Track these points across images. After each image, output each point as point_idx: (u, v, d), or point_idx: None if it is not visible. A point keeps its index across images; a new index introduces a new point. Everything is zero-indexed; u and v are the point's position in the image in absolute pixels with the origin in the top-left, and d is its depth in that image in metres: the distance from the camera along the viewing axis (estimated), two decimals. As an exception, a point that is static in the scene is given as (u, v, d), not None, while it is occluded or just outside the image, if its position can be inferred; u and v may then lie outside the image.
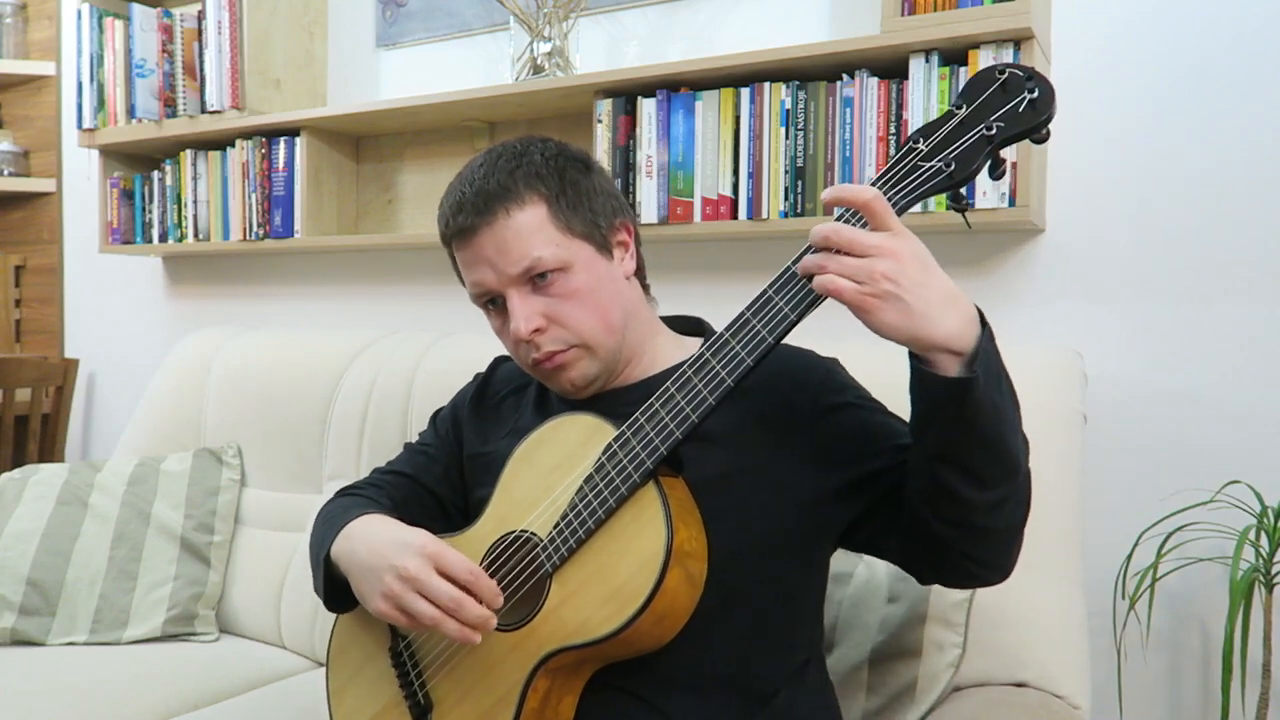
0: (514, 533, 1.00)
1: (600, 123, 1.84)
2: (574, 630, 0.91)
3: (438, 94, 2.03)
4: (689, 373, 0.90)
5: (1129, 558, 1.50)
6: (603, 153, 1.83)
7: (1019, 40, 1.49)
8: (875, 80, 1.61)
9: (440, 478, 1.20)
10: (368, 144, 2.35)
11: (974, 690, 1.22)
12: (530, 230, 1.01)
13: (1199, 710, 1.55)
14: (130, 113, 2.40)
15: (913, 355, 0.83)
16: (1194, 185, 1.54)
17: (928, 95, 1.56)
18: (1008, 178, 1.51)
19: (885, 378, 1.09)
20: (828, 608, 1.19)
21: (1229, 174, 1.52)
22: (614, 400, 1.05)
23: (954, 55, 1.56)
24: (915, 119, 1.57)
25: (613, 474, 0.92)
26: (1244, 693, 1.45)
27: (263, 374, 1.99)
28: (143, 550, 1.82)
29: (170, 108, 2.40)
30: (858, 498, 0.99)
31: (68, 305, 3.00)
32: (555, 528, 0.95)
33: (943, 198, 1.52)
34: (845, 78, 1.63)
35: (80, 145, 2.53)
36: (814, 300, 0.83)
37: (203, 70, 2.34)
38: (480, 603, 0.92)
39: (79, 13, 2.45)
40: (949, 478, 0.85)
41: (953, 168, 0.82)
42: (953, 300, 0.79)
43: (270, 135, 2.28)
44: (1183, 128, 1.55)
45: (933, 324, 0.78)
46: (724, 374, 0.88)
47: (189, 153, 2.42)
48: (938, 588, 1.21)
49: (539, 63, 1.95)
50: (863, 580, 1.27)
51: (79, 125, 2.49)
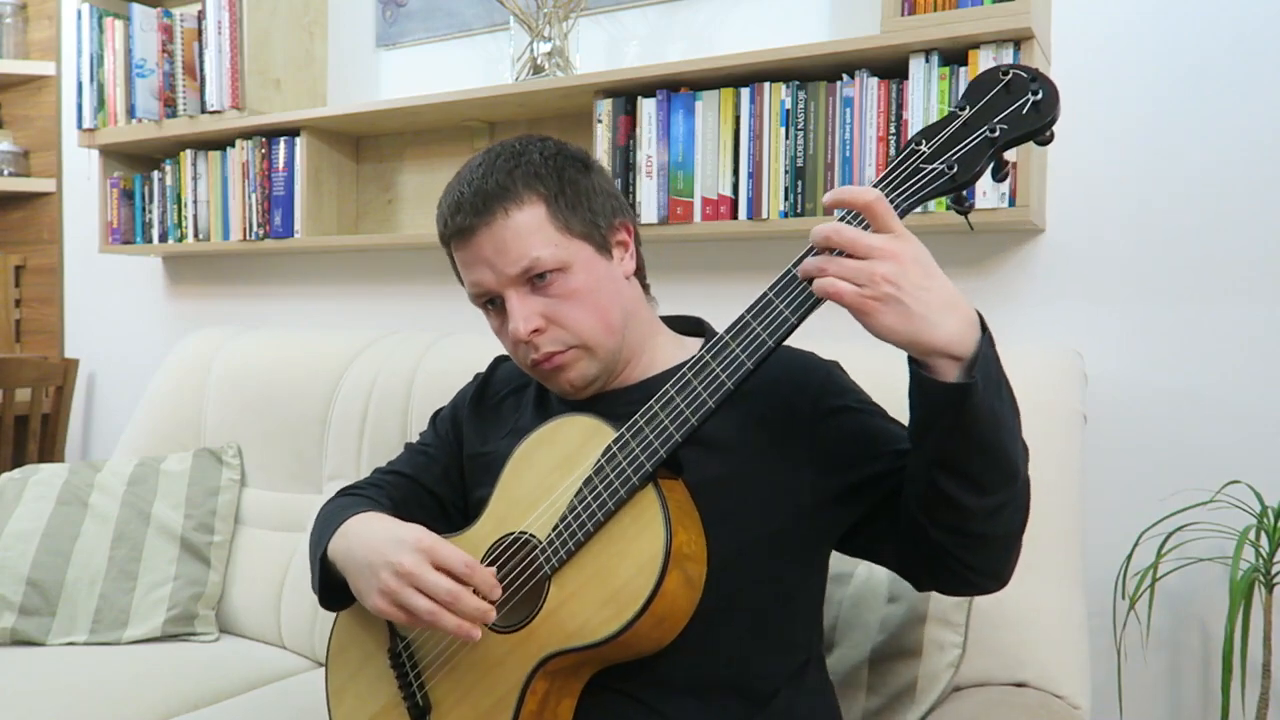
0: (513, 534, 0.99)
1: (600, 123, 1.83)
2: (573, 633, 0.91)
3: (438, 94, 2.03)
4: (688, 375, 0.89)
5: (1129, 558, 1.50)
6: (603, 153, 1.83)
7: (1019, 40, 1.49)
8: (875, 80, 1.61)
9: (440, 478, 1.20)
10: (368, 144, 2.35)
11: (974, 690, 1.22)
12: (529, 230, 1.00)
13: (1199, 710, 1.55)
14: (130, 113, 2.40)
15: (912, 360, 0.82)
16: (1194, 185, 1.54)
17: (928, 95, 1.56)
18: (1008, 178, 1.51)
19: (886, 379, 1.09)
20: (828, 608, 1.19)
21: (1229, 174, 1.52)
22: (614, 401, 1.05)
23: (954, 55, 1.56)
24: (915, 119, 1.56)
25: (612, 477, 0.91)
26: (1244, 693, 1.45)
27: (263, 374, 1.99)
28: (143, 550, 1.82)
29: (170, 108, 2.40)
30: (857, 502, 0.99)
31: (68, 305, 3.00)
32: (554, 529, 0.95)
33: (943, 198, 1.52)
34: (845, 78, 1.63)
35: (80, 145, 2.53)
36: (814, 303, 0.83)
37: (203, 70, 2.34)
38: (478, 595, 0.92)
39: (79, 13, 2.45)
40: (947, 484, 0.85)
41: (955, 170, 0.82)
42: (953, 304, 0.79)
43: (270, 135, 2.28)
44: (1183, 128, 1.55)
45: (933, 328, 0.77)
46: (724, 377, 0.87)
47: (189, 153, 2.42)
48: (938, 587, 1.21)
49: (539, 63, 1.95)
50: (863, 580, 1.27)
51: (79, 125, 2.49)
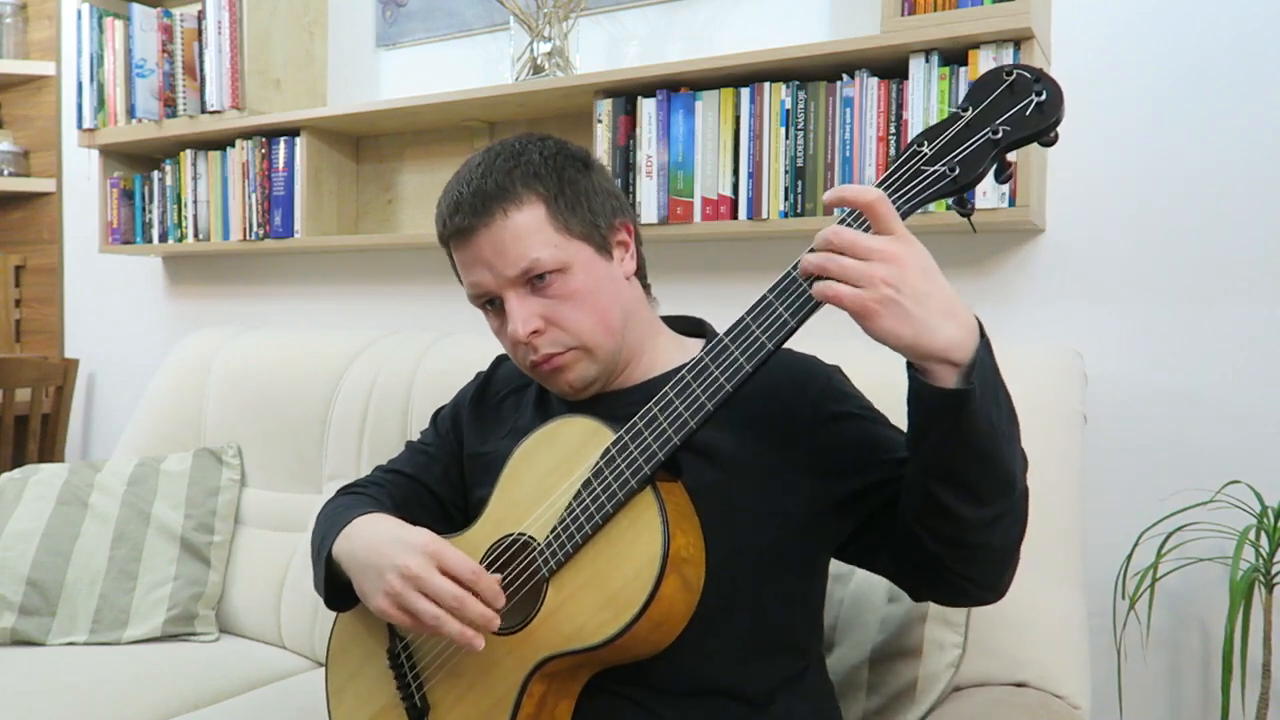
0: (512, 535, 0.99)
1: (600, 123, 1.83)
2: (570, 636, 0.91)
3: (438, 94, 2.03)
4: (688, 378, 0.89)
5: (1129, 558, 1.50)
6: (603, 153, 1.83)
7: (1019, 40, 1.49)
8: (875, 80, 1.61)
9: (440, 477, 1.20)
10: (368, 144, 2.35)
11: (974, 690, 1.22)
12: (528, 231, 0.99)
13: (1199, 710, 1.55)
14: (130, 113, 2.40)
15: (910, 365, 0.81)
16: (1194, 185, 1.54)
17: (928, 95, 1.56)
18: (1011, 179, 1.50)
19: (886, 380, 1.09)
20: (828, 607, 1.19)
21: (1229, 174, 1.52)
22: (614, 402, 1.04)
23: (954, 55, 1.56)
24: (915, 119, 1.56)
25: (610, 480, 0.91)
26: (1244, 693, 1.45)
27: (263, 374, 1.99)
28: (143, 550, 1.82)
29: (170, 108, 2.40)
30: (855, 510, 0.98)
31: (68, 305, 3.00)
32: (552, 532, 0.94)
33: (945, 200, 1.52)
34: (845, 78, 1.63)
35: (80, 145, 2.53)
36: (813, 307, 0.82)
37: (203, 70, 2.34)
38: (482, 602, 0.91)
39: (79, 13, 2.45)
40: (943, 493, 0.84)
41: (957, 172, 0.80)
42: (953, 310, 0.78)
43: (270, 135, 2.28)
44: (1183, 128, 1.54)
45: (932, 332, 0.76)
46: (723, 380, 0.86)
47: (189, 153, 2.42)
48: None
49: (539, 63, 1.95)
50: (863, 580, 1.27)
51: (79, 125, 2.49)
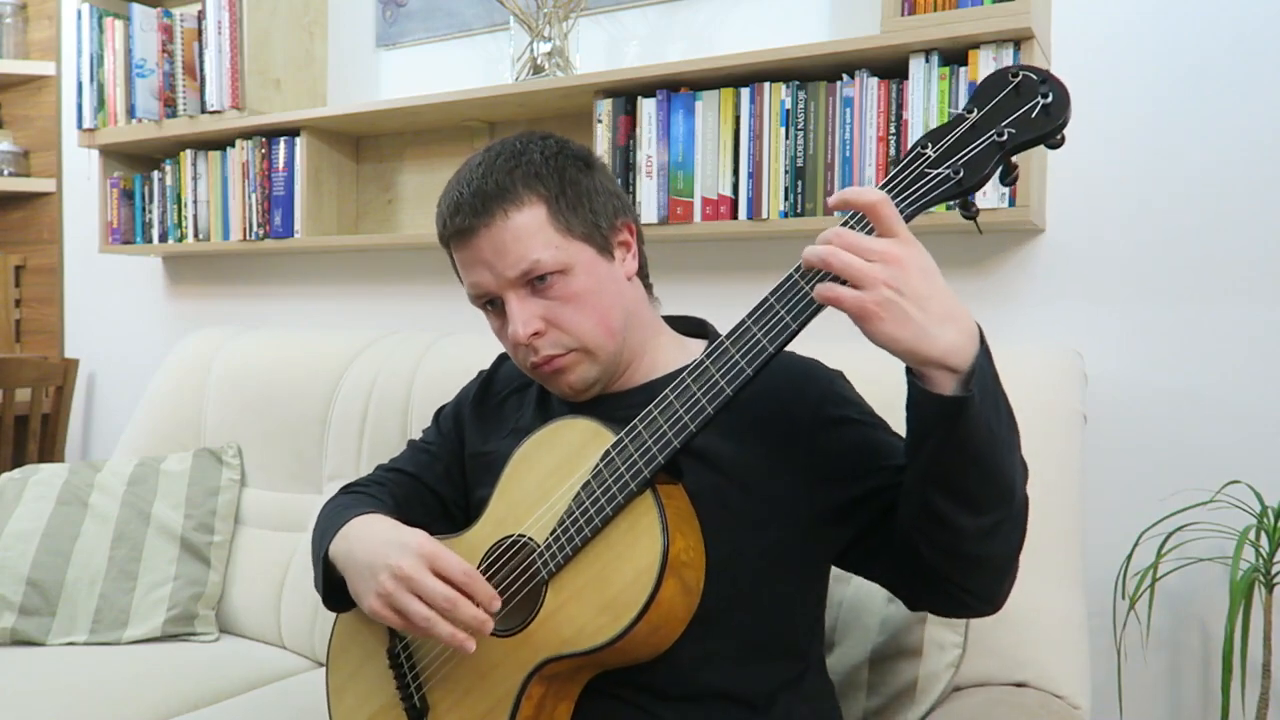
0: (511, 536, 0.99)
1: (600, 123, 1.83)
2: (569, 639, 0.91)
3: (438, 94, 2.02)
4: (688, 380, 0.88)
5: (1129, 558, 1.50)
6: (603, 153, 1.83)
7: (1019, 40, 1.49)
8: (875, 80, 1.61)
9: (442, 477, 1.20)
10: (368, 144, 2.35)
11: (974, 690, 1.22)
12: (529, 232, 0.99)
13: (1199, 710, 1.55)
14: (130, 113, 2.40)
15: (909, 371, 0.80)
16: (1194, 185, 1.54)
17: (928, 95, 1.56)
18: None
19: (889, 384, 1.08)
20: (828, 608, 1.19)
21: (1229, 174, 1.52)
22: (615, 404, 1.04)
23: (954, 55, 1.56)
24: (915, 119, 1.56)
25: (610, 482, 0.91)
26: (1244, 693, 1.45)
27: (263, 374, 1.99)
28: (143, 550, 1.82)
29: (170, 108, 2.40)
30: (854, 517, 0.97)
31: (68, 305, 3.00)
32: (552, 534, 0.94)
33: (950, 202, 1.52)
34: (845, 78, 1.63)
35: (80, 145, 2.53)
36: (815, 309, 0.81)
37: (203, 70, 2.34)
38: (477, 605, 0.91)
39: (79, 13, 2.45)
40: (940, 501, 0.83)
41: (962, 174, 0.79)
42: (954, 315, 0.77)
43: (270, 135, 2.28)
44: (1183, 128, 1.54)
45: (932, 337, 0.75)
46: (723, 383, 0.86)
47: (189, 153, 2.42)
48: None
49: (539, 63, 1.95)
50: (863, 580, 1.26)
51: (79, 125, 2.49)
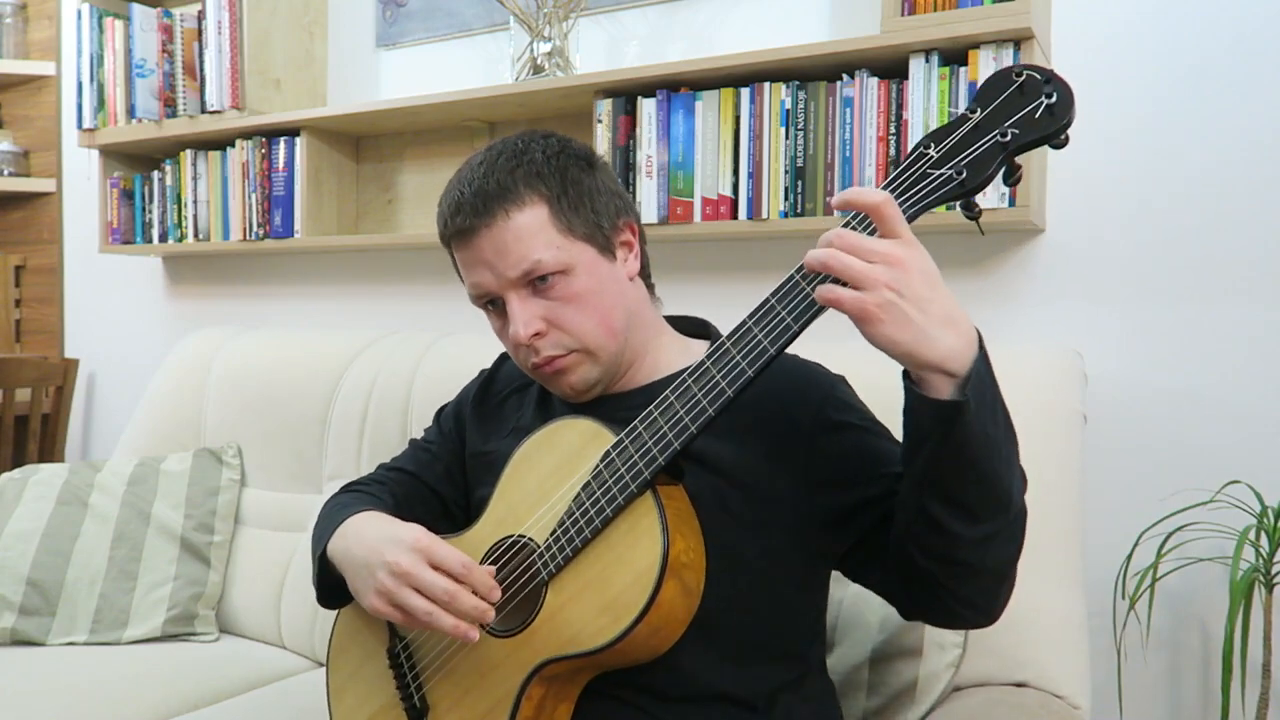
0: (512, 537, 0.99)
1: (600, 123, 1.83)
2: (568, 640, 0.90)
3: (438, 94, 2.02)
4: (689, 381, 0.88)
5: (1129, 558, 1.50)
6: (603, 153, 1.83)
7: (1019, 40, 1.49)
8: (875, 80, 1.61)
9: (442, 476, 1.20)
10: (368, 144, 2.35)
11: (974, 690, 1.22)
12: (530, 232, 0.98)
13: (1199, 710, 1.55)
14: (130, 113, 2.40)
15: (906, 376, 0.80)
16: (1194, 185, 1.54)
17: (928, 95, 1.56)
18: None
19: (893, 389, 1.08)
20: (828, 607, 1.19)
21: (1229, 174, 1.52)
22: (616, 405, 1.03)
23: (954, 55, 1.56)
24: (915, 119, 1.56)
25: (610, 483, 0.90)
26: (1244, 693, 1.45)
27: (263, 374, 1.99)
28: (143, 550, 1.82)
29: (170, 108, 2.40)
30: (853, 523, 0.96)
31: (68, 305, 3.00)
32: (552, 535, 0.94)
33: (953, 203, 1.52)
34: (845, 78, 1.63)
35: (80, 145, 2.53)
36: (816, 310, 0.80)
37: (203, 70, 2.34)
38: (476, 595, 0.91)
39: (79, 13, 2.45)
40: (936, 508, 0.82)
41: (964, 175, 0.79)
42: (954, 319, 0.76)
43: (270, 135, 2.28)
44: (1183, 128, 1.54)
45: (931, 341, 0.75)
46: (724, 384, 0.85)
47: (189, 153, 2.42)
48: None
49: (539, 63, 1.95)
50: (863, 581, 1.27)
51: (79, 125, 2.49)
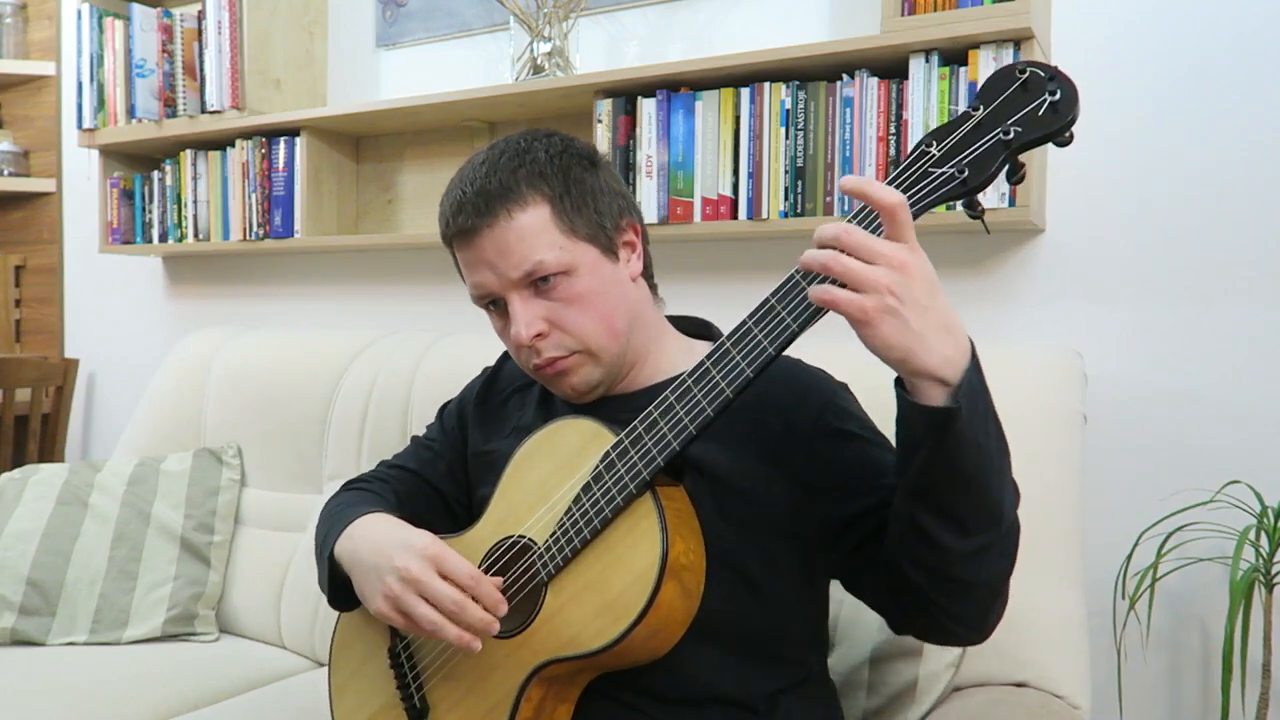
0: (512, 538, 0.99)
1: (600, 123, 1.83)
2: (567, 642, 0.90)
3: (438, 94, 2.02)
4: (689, 382, 0.88)
5: (1129, 558, 1.50)
6: (603, 153, 1.82)
7: (1019, 40, 1.49)
8: (875, 80, 1.61)
9: (444, 474, 1.19)
10: (368, 144, 2.35)
11: (974, 690, 1.22)
12: (532, 232, 0.98)
13: (1199, 710, 1.55)
14: (130, 113, 2.40)
15: (899, 384, 0.79)
16: (1194, 185, 1.54)
17: (928, 95, 1.56)
18: (1002, 176, 1.50)
19: (888, 387, 1.08)
20: (829, 606, 1.19)
21: (1229, 174, 1.52)
22: (619, 406, 1.03)
23: (954, 55, 1.56)
24: (915, 119, 1.56)
25: (610, 484, 0.90)
26: (1244, 693, 1.45)
27: (263, 374, 1.99)
28: (143, 550, 1.82)
29: (170, 108, 2.40)
30: (848, 533, 0.96)
31: (68, 305, 3.00)
32: (551, 535, 0.94)
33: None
34: (845, 78, 1.63)
35: (80, 145, 2.53)
36: (815, 311, 0.80)
37: (203, 70, 2.34)
38: (482, 608, 0.91)
39: (79, 13, 2.45)
40: (926, 519, 0.82)
41: (966, 174, 0.78)
42: (950, 328, 0.76)
43: (270, 135, 2.28)
44: (1183, 128, 1.54)
45: (928, 348, 0.74)
46: (724, 385, 0.85)
47: (189, 153, 2.42)
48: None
49: (539, 63, 1.95)
50: (863, 580, 1.27)
51: (79, 125, 2.49)
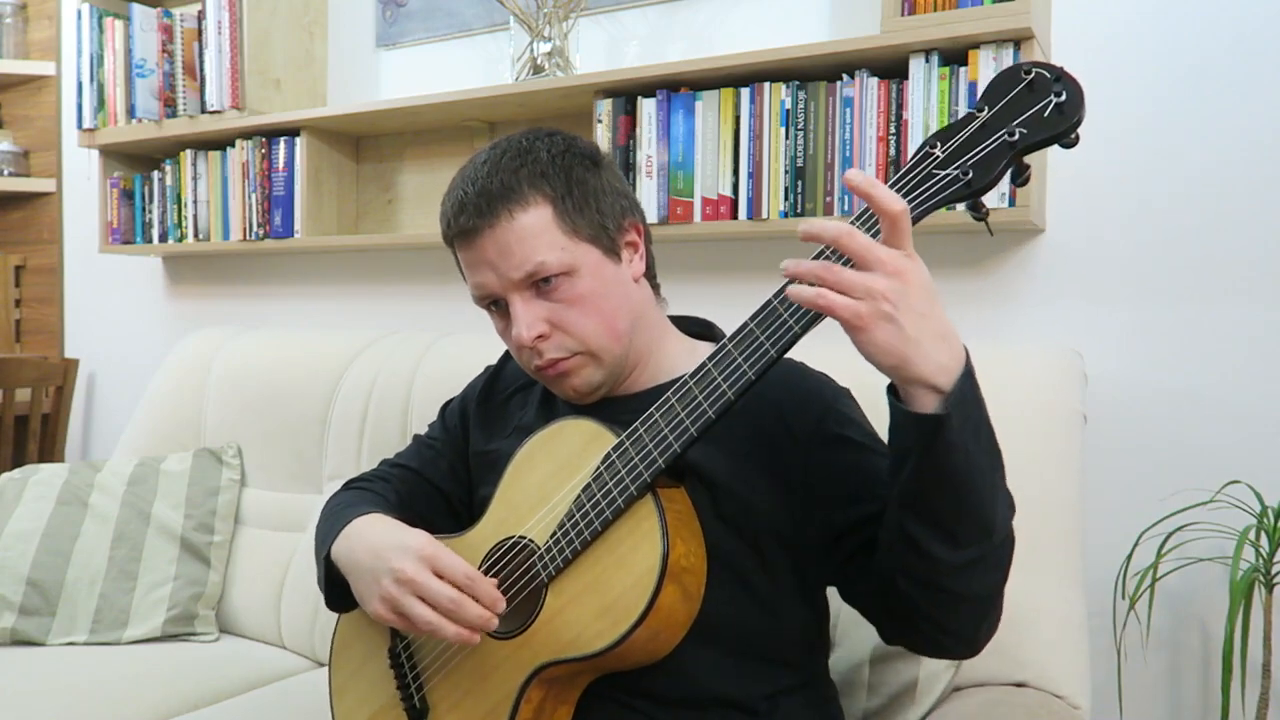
0: (512, 538, 0.99)
1: (600, 123, 1.83)
2: (567, 643, 0.90)
3: (438, 94, 2.02)
4: (690, 383, 0.87)
5: (1129, 558, 1.50)
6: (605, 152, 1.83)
7: (1019, 40, 1.49)
8: (875, 80, 1.61)
9: (446, 474, 1.19)
10: (368, 144, 2.35)
11: (974, 690, 1.22)
12: (534, 233, 0.97)
13: (1199, 710, 1.55)
14: (130, 113, 2.40)
15: (892, 393, 0.79)
16: (1194, 185, 1.54)
17: (928, 95, 1.56)
18: (1007, 178, 1.50)
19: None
20: (829, 606, 1.19)
21: (1229, 174, 1.52)
22: (621, 407, 1.02)
23: (954, 55, 1.56)
24: (915, 119, 1.57)
25: (610, 485, 0.90)
26: (1244, 693, 1.45)
27: (263, 374, 1.99)
28: (143, 550, 1.82)
29: (170, 108, 2.40)
30: (845, 540, 0.95)
31: (68, 305, 3.00)
32: (552, 536, 0.93)
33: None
34: (845, 78, 1.63)
35: (80, 145, 2.53)
36: (818, 314, 0.79)
37: (203, 70, 2.34)
38: (480, 605, 0.91)
39: (79, 13, 2.45)
40: (917, 530, 0.81)
41: (970, 175, 0.77)
42: (945, 336, 0.76)
43: (270, 135, 2.28)
44: (1183, 128, 1.55)
45: (923, 355, 0.74)
46: (725, 386, 0.84)
47: (189, 153, 2.42)
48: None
49: (539, 63, 1.95)
50: (863, 580, 1.27)
51: (79, 125, 2.49)
